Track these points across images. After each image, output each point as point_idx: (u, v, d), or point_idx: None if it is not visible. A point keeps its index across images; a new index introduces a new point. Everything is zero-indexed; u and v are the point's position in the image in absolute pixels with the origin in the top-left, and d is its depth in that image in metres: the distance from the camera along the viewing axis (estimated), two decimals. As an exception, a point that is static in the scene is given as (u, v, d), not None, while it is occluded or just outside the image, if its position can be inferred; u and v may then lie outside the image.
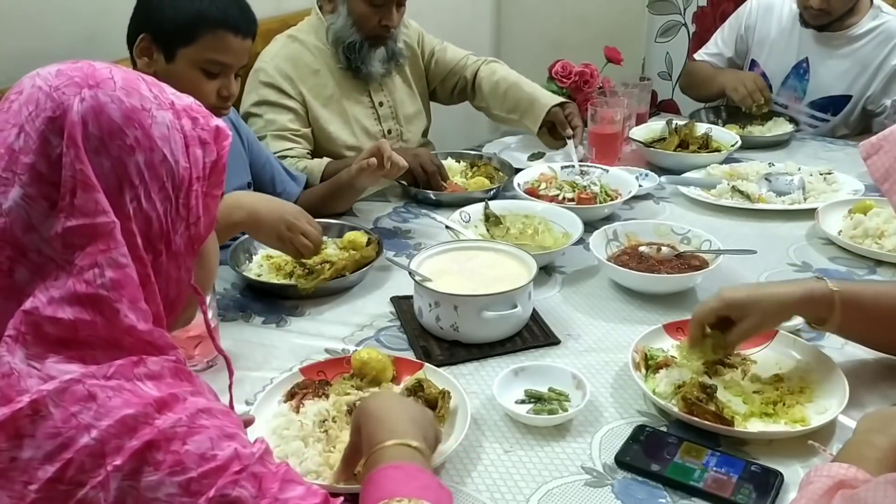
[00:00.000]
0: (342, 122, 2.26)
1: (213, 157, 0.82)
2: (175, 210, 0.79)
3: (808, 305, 1.27)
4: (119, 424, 0.69)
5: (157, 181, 0.77)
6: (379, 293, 1.65)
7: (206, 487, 0.71)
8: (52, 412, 0.69)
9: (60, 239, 0.73)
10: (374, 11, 2.14)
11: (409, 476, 0.90)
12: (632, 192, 1.97)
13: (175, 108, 0.81)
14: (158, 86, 0.82)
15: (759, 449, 1.19)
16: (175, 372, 0.76)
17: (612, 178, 2.07)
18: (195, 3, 1.60)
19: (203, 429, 0.73)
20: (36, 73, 0.78)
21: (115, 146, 0.75)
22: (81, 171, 0.73)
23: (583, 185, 2.00)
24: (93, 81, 0.76)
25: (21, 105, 0.76)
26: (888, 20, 2.51)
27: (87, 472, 0.68)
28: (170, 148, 0.78)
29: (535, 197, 1.96)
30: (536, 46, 3.64)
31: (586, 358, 1.42)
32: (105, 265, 0.73)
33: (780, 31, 2.64)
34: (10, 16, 1.98)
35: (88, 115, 0.74)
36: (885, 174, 0.93)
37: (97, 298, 0.73)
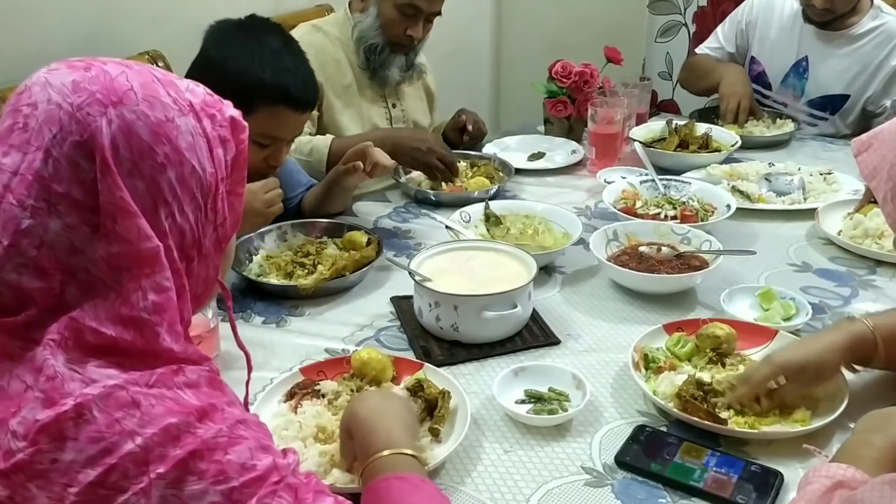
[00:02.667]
0: (354, 116, 2.28)
1: (233, 152, 0.83)
2: (204, 216, 0.80)
3: (852, 351, 1.25)
4: (163, 433, 0.70)
5: (188, 193, 0.78)
6: (379, 293, 1.65)
7: (247, 497, 0.72)
8: (96, 416, 0.69)
9: (105, 262, 0.74)
10: (402, 19, 2.17)
11: (414, 487, 0.92)
12: (730, 205, 1.89)
13: (194, 108, 0.80)
14: (173, 84, 0.80)
15: (759, 449, 1.19)
16: (210, 381, 0.78)
17: (702, 192, 1.99)
18: (258, 75, 1.51)
19: (242, 439, 0.74)
20: (46, 81, 0.75)
21: (148, 166, 0.75)
22: (121, 198, 0.73)
23: (682, 202, 1.95)
24: (115, 97, 0.75)
25: (41, 124, 0.73)
26: (888, 20, 2.51)
27: (129, 478, 0.69)
28: (196, 157, 0.78)
29: (634, 216, 1.89)
30: (536, 46, 3.65)
31: (586, 358, 1.42)
32: (148, 289, 0.74)
33: (781, 29, 2.64)
34: (10, 16, 1.98)
35: (118, 138, 0.73)
36: (874, 171, 0.94)
37: (139, 321, 0.74)
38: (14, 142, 0.74)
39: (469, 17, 3.69)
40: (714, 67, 2.72)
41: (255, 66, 1.54)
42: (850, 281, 1.68)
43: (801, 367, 1.22)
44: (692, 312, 1.55)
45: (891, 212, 0.90)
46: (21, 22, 2.00)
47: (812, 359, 1.23)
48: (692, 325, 1.44)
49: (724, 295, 1.55)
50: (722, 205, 1.92)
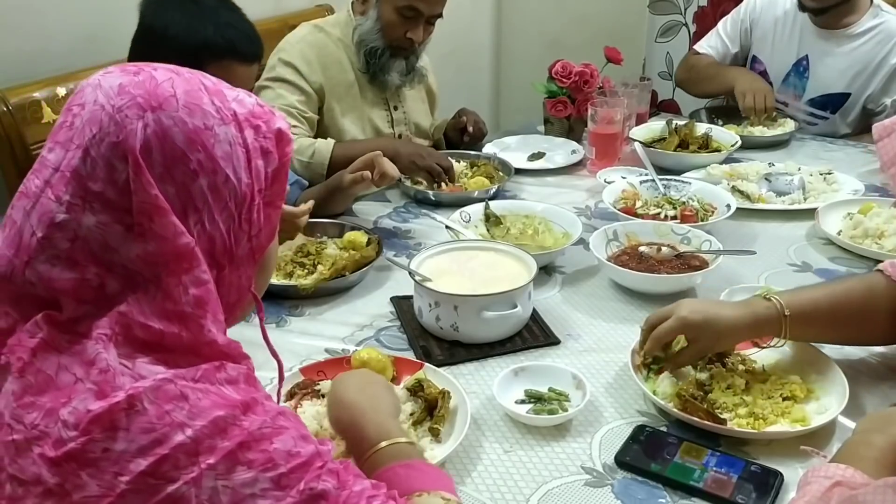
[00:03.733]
0: (355, 118, 2.28)
1: (274, 164, 0.83)
2: (238, 226, 0.81)
3: (756, 329, 1.30)
4: (212, 425, 0.72)
5: (220, 202, 0.78)
6: (379, 293, 1.65)
7: (294, 481, 0.74)
8: (147, 408, 0.71)
9: (142, 260, 0.75)
10: (402, 22, 2.15)
11: (419, 472, 0.94)
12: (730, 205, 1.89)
13: (237, 118, 0.80)
14: (220, 93, 0.81)
15: (759, 449, 1.19)
16: (247, 378, 0.80)
17: (702, 192, 1.99)
18: (200, 33, 1.54)
19: (284, 429, 0.77)
20: (98, 83, 0.78)
21: (179, 172, 0.76)
22: (155, 196, 0.74)
23: (682, 202, 1.95)
24: (155, 102, 0.76)
25: (84, 124, 0.76)
26: (888, 19, 2.51)
27: (180, 468, 0.70)
28: (232, 167, 0.79)
29: (634, 216, 1.90)
30: (536, 46, 3.65)
31: (586, 358, 1.42)
32: (189, 283, 0.76)
33: (782, 28, 2.64)
34: (10, 16, 1.98)
35: (152, 142, 0.75)
36: (892, 159, 0.93)
37: (183, 315, 0.76)
38: (60, 139, 0.77)
39: (469, 17, 3.69)
40: (721, 71, 2.70)
41: (195, 24, 1.55)
42: (850, 281, 1.68)
43: (703, 330, 1.27)
44: (692, 312, 1.55)
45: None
46: (21, 22, 2.00)
47: (713, 326, 1.27)
48: (692, 325, 1.44)
49: (724, 295, 1.55)
50: (722, 205, 1.92)
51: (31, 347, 0.74)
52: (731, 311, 1.29)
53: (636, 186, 2.05)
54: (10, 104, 1.79)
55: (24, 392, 0.73)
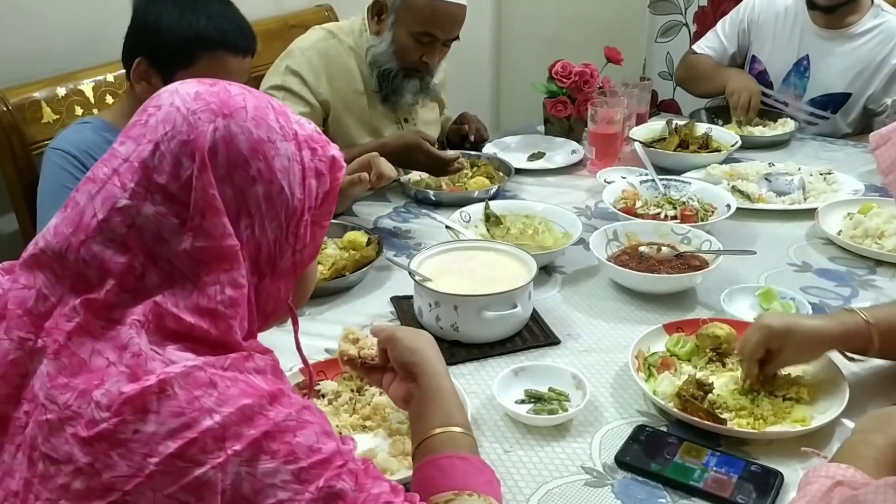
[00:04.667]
0: (364, 130, 2.22)
1: (326, 187, 0.87)
2: (284, 237, 0.84)
3: (842, 338, 1.27)
4: (239, 412, 0.74)
5: (272, 211, 0.82)
6: (379, 293, 1.65)
7: (314, 477, 0.76)
8: (178, 393, 0.73)
9: (188, 255, 0.79)
10: (417, 46, 2.10)
11: (476, 470, 0.96)
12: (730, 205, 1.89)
13: (297, 138, 0.85)
14: (285, 114, 0.86)
15: (759, 449, 1.19)
16: (273, 370, 0.82)
17: (702, 192, 2.00)
18: (192, 25, 1.54)
19: (308, 424, 0.78)
20: (175, 90, 0.84)
21: (239, 176, 0.80)
22: (213, 196, 0.79)
23: (682, 202, 1.95)
24: (227, 110, 0.82)
25: (158, 122, 0.81)
26: (889, 19, 2.51)
27: (207, 452, 0.72)
28: (288, 180, 0.83)
29: (634, 216, 1.89)
30: (536, 46, 3.64)
31: (586, 358, 1.42)
32: (226, 283, 0.80)
33: (782, 28, 2.64)
34: (10, 16, 1.98)
35: (219, 145, 0.80)
36: (890, 166, 0.94)
37: (215, 313, 0.79)
38: (133, 134, 0.82)
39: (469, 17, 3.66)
40: (718, 71, 2.71)
41: (188, 16, 1.55)
42: (850, 281, 1.69)
43: (787, 337, 1.24)
44: (692, 312, 1.55)
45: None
46: (21, 22, 2.00)
47: (798, 333, 1.25)
48: (692, 325, 1.44)
49: (724, 295, 1.56)
50: (722, 205, 1.92)
51: (67, 331, 0.76)
52: (815, 321, 1.28)
53: (636, 186, 2.05)
54: (10, 104, 1.79)
55: (58, 373, 0.75)
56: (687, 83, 2.86)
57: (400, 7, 2.08)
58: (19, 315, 0.79)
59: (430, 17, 2.07)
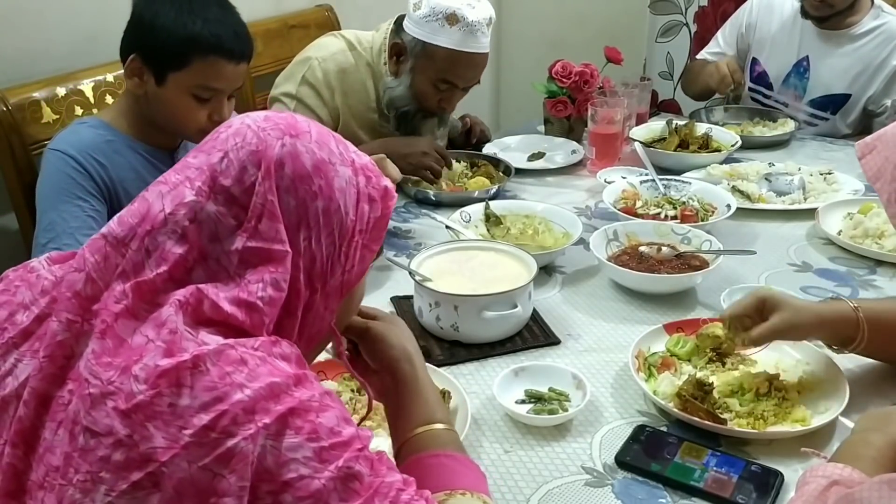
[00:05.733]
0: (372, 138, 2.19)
1: (377, 213, 0.92)
2: (336, 256, 0.88)
3: (834, 324, 1.27)
4: (267, 389, 0.77)
5: (328, 227, 0.86)
6: (379, 293, 1.65)
7: (334, 457, 0.78)
8: (210, 369, 0.76)
9: (238, 255, 0.83)
10: (436, 92, 2.08)
11: (464, 468, 0.97)
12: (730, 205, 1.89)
13: (354, 165, 0.90)
14: (344, 143, 0.92)
15: (759, 449, 1.19)
16: (298, 359, 0.84)
17: (702, 192, 2.00)
18: (188, 27, 1.53)
19: (330, 408, 0.81)
20: (246, 115, 0.90)
21: (303, 189, 0.85)
22: (271, 202, 0.83)
23: (682, 202, 1.95)
24: (294, 132, 0.87)
25: (229, 136, 0.86)
26: (889, 20, 2.51)
27: (238, 424, 0.74)
28: (344, 200, 0.87)
29: (634, 216, 1.90)
30: (536, 46, 3.64)
31: (586, 358, 1.43)
32: (269, 282, 0.83)
33: (781, 29, 2.64)
34: (10, 16, 1.98)
35: (286, 158, 0.85)
36: (878, 173, 0.94)
37: (253, 306, 0.82)
38: (204, 148, 0.88)
39: (469, 17, 3.68)
40: (702, 69, 2.72)
41: (184, 18, 1.54)
42: (850, 281, 1.69)
43: (781, 304, 1.25)
44: (692, 312, 1.55)
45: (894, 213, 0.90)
46: (21, 22, 2.00)
47: (791, 300, 1.27)
48: (692, 325, 1.44)
49: (724, 295, 1.56)
50: (722, 205, 1.92)
51: (115, 312, 0.79)
52: (809, 303, 1.30)
53: (636, 186, 2.05)
54: (10, 104, 1.79)
55: (102, 353, 0.78)
56: (685, 87, 2.90)
57: (420, 54, 2.03)
58: (68, 297, 0.82)
59: (451, 67, 2.04)
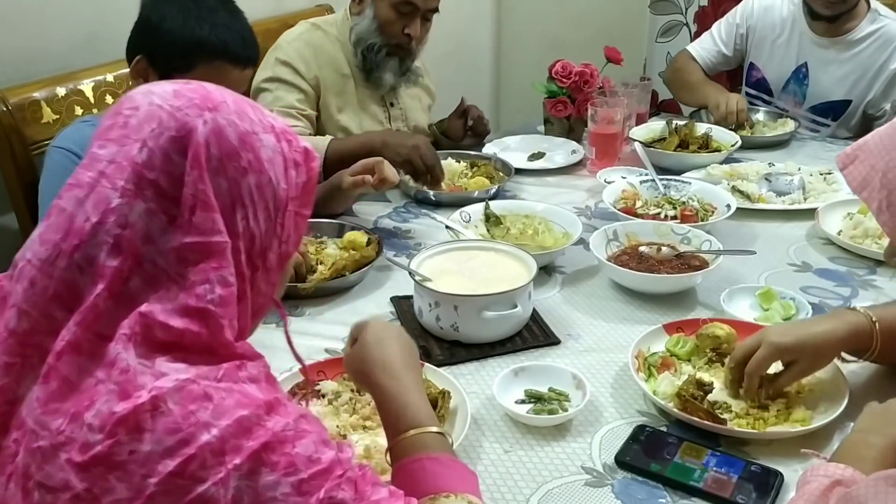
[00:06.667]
0: (352, 115, 2.28)
1: (303, 177, 0.88)
2: (273, 229, 0.84)
3: (851, 339, 1.25)
4: (236, 425, 0.73)
5: (263, 202, 0.83)
6: (379, 293, 1.65)
7: (314, 488, 0.75)
8: (172, 408, 0.71)
9: (175, 253, 0.78)
10: (398, 18, 2.17)
11: (447, 468, 0.95)
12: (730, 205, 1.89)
13: (275, 130, 0.86)
14: (258, 109, 0.87)
15: (759, 449, 1.19)
16: (267, 377, 0.81)
17: (702, 192, 1.99)
18: (195, 31, 1.53)
19: (307, 433, 0.77)
20: (149, 91, 0.83)
21: (232, 167, 0.80)
22: (203, 192, 0.78)
23: (682, 202, 1.95)
24: (211, 104, 0.82)
25: (141, 121, 0.80)
26: (887, 24, 2.50)
27: (208, 468, 0.71)
28: (274, 170, 0.84)
29: (634, 216, 1.89)
30: (536, 46, 3.64)
31: (586, 358, 1.43)
32: (215, 282, 0.78)
33: (780, 35, 2.63)
34: (10, 16, 1.98)
35: (210, 137, 0.80)
36: (863, 183, 0.94)
37: (206, 313, 0.77)
38: (112, 136, 0.80)
39: (469, 17, 3.69)
40: (700, 85, 2.68)
41: (192, 22, 1.54)
42: (850, 281, 1.69)
43: (799, 350, 1.22)
44: (692, 312, 1.55)
45: (887, 220, 0.90)
46: (21, 22, 2.00)
47: (809, 343, 1.23)
48: (692, 325, 1.44)
49: (724, 295, 1.55)
50: (722, 205, 1.92)
51: (57, 351, 0.74)
52: (823, 326, 1.25)
53: (636, 186, 2.05)
54: (10, 104, 1.79)
55: (48, 398, 0.73)
56: (671, 86, 2.85)
57: None
58: (4, 337, 0.77)
59: None
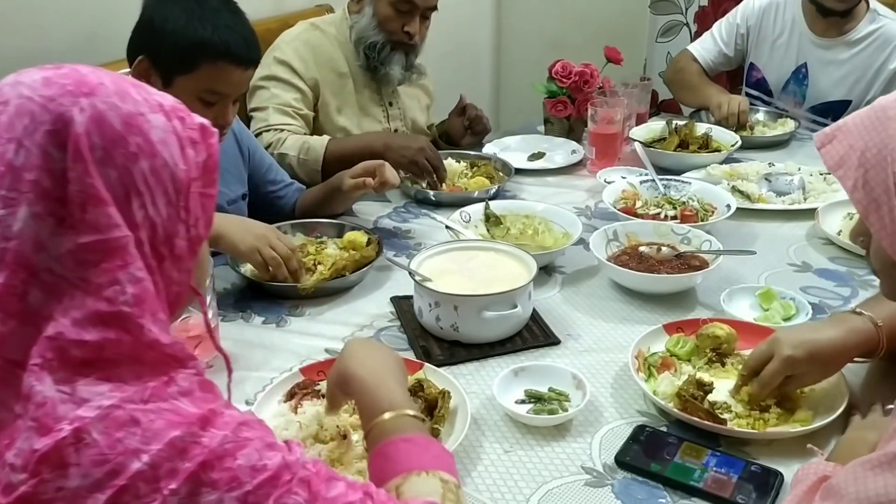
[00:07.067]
0: (351, 115, 2.29)
1: (203, 155, 0.82)
2: (176, 214, 0.79)
3: (860, 347, 1.26)
4: (169, 447, 0.69)
5: (160, 186, 0.77)
6: (379, 293, 1.65)
7: (262, 498, 0.72)
8: (97, 439, 0.68)
9: (72, 256, 0.72)
10: (398, 16, 2.18)
11: (421, 448, 0.93)
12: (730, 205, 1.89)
13: (164, 109, 0.80)
14: (142, 87, 0.81)
15: (759, 449, 1.19)
16: (201, 385, 0.77)
17: (702, 192, 1.99)
18: (198, 32, 1.53)
19: (248, 441, 0.74)
20: (17, 81, 0.76)
21: (120, 154, 0.74)
22: (91, 185, 0.72)
23: (682, 202, 1.95)
24: (86, 88, 0.75)
25: (12, 118, 0.73)
26: (886, 24, 2.50)
27: (141, 497, 0.68)
28: (168, 151, 0.78)
29: (634, 216, 1.89)
30: (536, 46, 3.64)
31: (586, 358, 1.42)
32: (125, 281, 0.73)
33: (780, 35, 2.63)
34: (10, 16, 1.98)
35: (90, 126, 0.73)
36: (840, 161, 0.95)
37: (121, 316, 0.72)
38: None
39: (469, 17, 3.69)
40: (702, 87, 2.68)
41: (195, 23, 1.54)
42: (850, 281, 1.69)
43: (811, 363, 1.22)
44: (692, 312, 1.55)
45: (861, 199, 0.92)
46: (21, 21, 2.00)
47: (821, 357, 1.23)
48: (692, 325, 1.44)
49: (724, 295, 1.55)
50: (722, 205, 1.92)
51: None
52: (832, 334, 1.24)
53: (636, 186, 2.05)
54: (10, 104, 1.79)
55: None
56: (672, 86, 2.85)
57: None
58: None
59: None
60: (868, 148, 0.91)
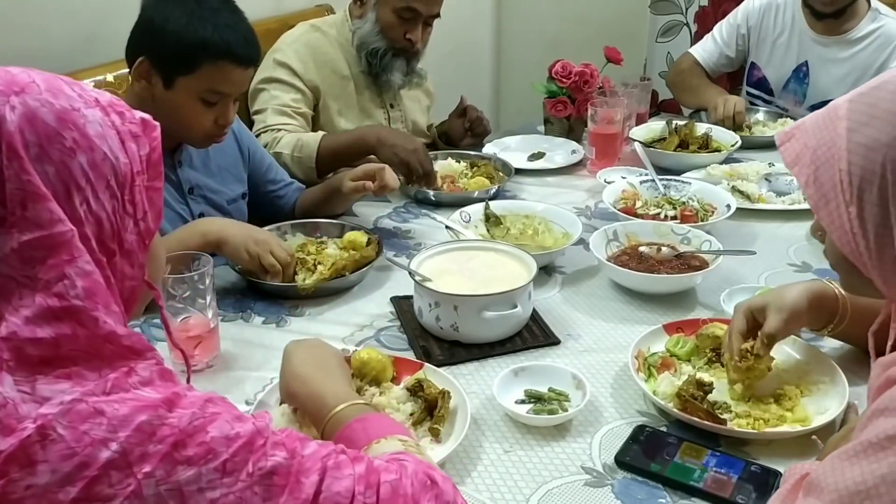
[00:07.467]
0: (352, 117, 2.29)
1: (146, 149, 0.82)
2: (122, 208, 0.78)
3: (818, 301, 1.29)
4: (137, 432, 0.70)
5: (102, 180, 0.76)
6: (379, 293, 1.65)
7: (241, 464, 0.73)
8: (62, 434, 0.68)
9: (17, 255, 0.71)
10: (400, 23, 2.19)
11: (374, 423, 1.00)
12: (730, 205, 1.89)
13: (101, 104, 0.80)
14: (78, 84, 0.81)
15: (759, 449, 1.19)
16: (161, 374, 0.77)
17: (702, 192, 2.00)
18: (198, 32, 1.54)
19: (217, 415, 0.75)
20: None
21: (56, 150, 0.74)
22: (29, 182, 0.71)
23: (682, 202, 1.95)
24: (17, 87, 0.74)
25: None
26: (887, 22, 2.50)
27: (114, 485, 0.68)
28: (107, 145, 0.77)
29: (634, 216, 1.89)
30: (536, 46, 3.65)
31: (586, 358, 1.42)
32: (74, 275, 0.72)
33: (781, 34, 2.64)
34: (10, 16, 1.98)
35: (23, 123, 0.73)
36: (796, 158, 0.98)
37: (73, 310, 0.72)
38: None
39: (469, 17, 3.69)
40: (702, 88, 2.69)
41: (195, 23, 1.55)
42: (850, 281, 1.68)
43: (765, 300, 1.29)
44: (692, 312, 1.55)
45: (812, 194, 0.95)
46: (21, 21, 2.00)
47: (773, 292, 1.31)
48: (692, 325, 1.44)
49: (724, 295, 1.56)
50: (722, 205, 1.92)
51: None
52: (790, 288, 1.31)
53: (636, 186, 2.05)
54: (10, 104, 1.79)
55: None
56: (673, 88, 2.87)
57: None
58: None
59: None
60: (819, 146, 0.94)
